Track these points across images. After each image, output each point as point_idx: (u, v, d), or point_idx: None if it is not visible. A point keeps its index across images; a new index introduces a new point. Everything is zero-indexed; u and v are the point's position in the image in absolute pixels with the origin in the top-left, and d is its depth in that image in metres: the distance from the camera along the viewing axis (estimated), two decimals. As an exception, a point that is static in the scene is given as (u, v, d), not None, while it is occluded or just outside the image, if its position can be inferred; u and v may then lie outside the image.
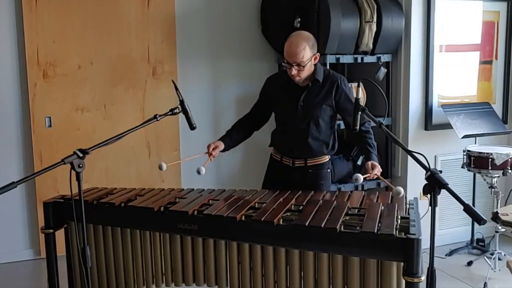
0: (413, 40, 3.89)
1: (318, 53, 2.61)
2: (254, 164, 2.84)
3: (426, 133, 4.01)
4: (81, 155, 1.86)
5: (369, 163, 2.55)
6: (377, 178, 2.57)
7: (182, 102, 2.35)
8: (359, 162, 3.98)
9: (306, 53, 2.50)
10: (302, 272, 2.04)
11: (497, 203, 3.57)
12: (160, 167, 2.54)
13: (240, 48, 4.39)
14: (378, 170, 2.51)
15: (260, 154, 2.88)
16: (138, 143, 4.13)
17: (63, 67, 3.90)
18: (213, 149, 2.69)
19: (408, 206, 2.28)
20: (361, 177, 2.32)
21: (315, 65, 2.63)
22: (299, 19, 3.78)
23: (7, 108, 3.85)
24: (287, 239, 2.03)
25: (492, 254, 3.59)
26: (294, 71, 2.53)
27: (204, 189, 2.63)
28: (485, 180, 3.70)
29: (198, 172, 2.53)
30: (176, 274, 2.31)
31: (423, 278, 1.75)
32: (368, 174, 2.49)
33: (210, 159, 2.68)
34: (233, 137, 2.81)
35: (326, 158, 2.77)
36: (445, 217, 4.08)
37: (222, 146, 2.73)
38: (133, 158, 4.15)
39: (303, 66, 2.51)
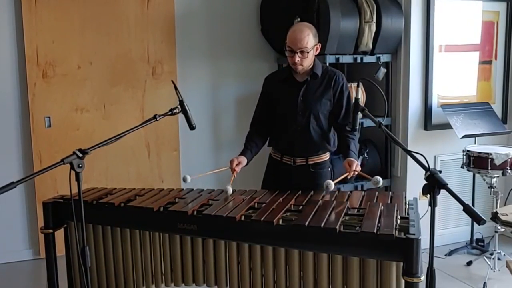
0: (412, 40, 3.89)
1: (320, 44, 2.63)
2: (254, 164, 2.83)
3: (425, 133, 4.01)
4: (80, 155, 1.86)
5: (345, 162, 2.57)
6: (359, 176, 2.60)
7: (181, 102, 2.35)
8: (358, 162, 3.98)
9: (310, 39, 2.53)
10: (301, 272, 2.04)
11: (497, 203, 3.57)
12: (185, 180, 2.52)
13: (240, 48, 4.39)
14: (355, 166, 2.52)
15: (259, 154, 2.87)
16: (138, 143, 4.13)
17: (62, 67, 3.90)
18: (236, 164, 2.63)
19: (407, 206, 2.28)
20: (332, 184, 2.33)
21: (314, 60, 2.65)
22: (299, 19, 3.78)
23: (6, 108, 3.85)
24: (286, 239, 2.03)
25: (491, 254, 3.59)
26: (297, 58, 2.53)
27: (203, 189, 2.62)
28: (484, 180, 3.70)
29: (226, 192, 2.47)
30: (175, 274, 2.31)
31: (423, 278, 1.75)
32: (347, 173, 2.51)
33: (234, 175, 2.62)
34: (253, 150, 2.76)
35: (327, 156, 2.77)
36: (445, 217, 4.08)
37: (245, 161, 2.68)
38: (133, 158, 4.15)
39: (307, 53, 2.53)
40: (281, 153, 2.78)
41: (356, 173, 2.53)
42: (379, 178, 2.34)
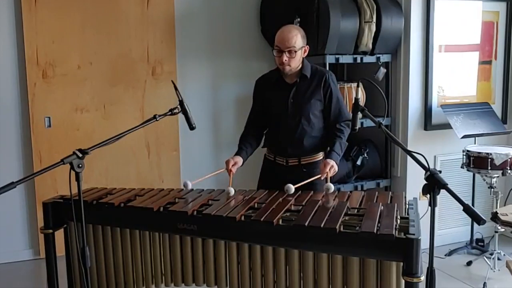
0: (412, 40, 3.89)
1: (308, 46, 2.64)
2: (254, 164, 2.84)
3: (425, 133, 4.01)
4: (80, 155, 1.86)
5: (322, 163, 2.59)
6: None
7: (181, 102, 2.35)
8: (358, 162, 3.98)
9: (298, 39, 2.55)
10: (301, 273, 2.04)
11: (497, 203, 3.57)
12: (185, 186, 2.54)
13: (240, 48, 4.39)
14: (329, 167, 2.54)
15: (260, 154, 2.88)
16: (138, 143, 4.13)
17: (62, 67, 3.90)
18: (232, 165, 2.64)
19: (407, 206, 2.28)
20: (292, 188, 2.40)
21: (303, 61, 2.65)
22: (299, 19, 3.78)
23: (6, 108, 3.85)
24: (286, 239, 2.03)
25: (491, 254, 3.59)
26: (285, 58, 2.54)
27: (203, 189, 2.62)
28: (484, 180, 3.70)
29: (228, 193, 2.47)
30: (175, 274, 2.31)
31: (423, 278, 1.75)
32: (319, 176, 2.54)
33: (231, 176, 2.63)
34: (248, 150, 2.78)
35: (320, 156, 2.77)
36: (445, 217, 4.08)
37: (241, 161, 2.69)
38: (133, 158, 4.15)
39: (295, 52, 2.54)
40: (274, 153, 2.79)
41: (329, 174, 2.55)
42: (331, 185, 2.43)
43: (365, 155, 4.03)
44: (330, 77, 2.69)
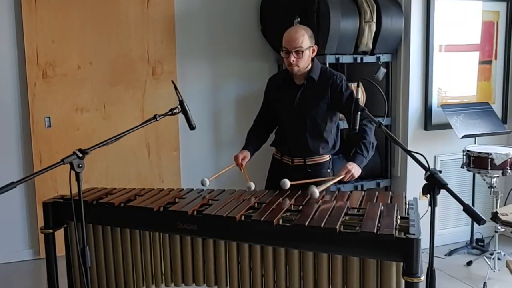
0: (412, 40, 3.89)
1: (316, 46, 2.64)
2: (255, 164, 2.84)
3: (425, 133, 4.01)
4: (80, 155, 1.86)
5: (343, 166, 2.54)
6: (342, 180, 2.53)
7: (181, 102, 2.35)
8: (358, 162, 3.97)
9: (305, 39, 2.55)
10: (301, 272, 2.04)
11: (497, 203, 3.57)
12: (203, 183, 2.54)
13: (240, 48, 4.39)
14: (346, 172, 2.48)
15: (261, 154, 2.88)
16: (138, 143, 4.13)
17: (62, 67, 3.90)
18: (242, 159, 2.68)
19: (407, 206, 2.28)
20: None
21: (313, 62, 2.65)
22: (299, 19, 3.78)
23: (6, 108, 3.85)
24: (286, 239, 2.03)
25: (491, 254, 3.59)
26: (292, 58, 2.54)
27: (203, 189, 2.63)
28: (484, 180, 3.70)
29: (249, 188, 2.53)
30: (175, 274, 2.31)
31: (423, 278, 1.75)
32: (336, 178, 2.48)
33: (244, 171, 2.67)
34: (255, 145, 2.81)
35: (326, 157, 2.76)
36: (445, 217, 4.08)
37: (249, 155, 2.73)
38: (133, 158, 4.15)
39: (302, 52, 2.54)
40: (281, 153, 2.80)
41: (346, 178, 2.51)
42: (314, 190, 2.23)
43: (365, 155, 4.02)
44: (338, 79, 2.66)
